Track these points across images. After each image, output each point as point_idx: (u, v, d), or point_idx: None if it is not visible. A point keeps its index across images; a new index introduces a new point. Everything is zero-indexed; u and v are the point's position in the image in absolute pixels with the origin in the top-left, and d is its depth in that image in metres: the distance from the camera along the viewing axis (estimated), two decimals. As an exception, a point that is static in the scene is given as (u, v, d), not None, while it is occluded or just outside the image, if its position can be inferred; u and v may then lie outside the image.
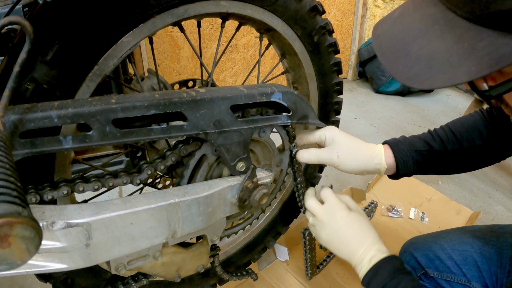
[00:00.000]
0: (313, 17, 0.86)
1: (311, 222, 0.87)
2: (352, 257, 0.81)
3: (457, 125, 0.94)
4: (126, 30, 0.63)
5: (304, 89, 0.98)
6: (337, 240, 0.82)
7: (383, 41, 0.58)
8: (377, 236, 0.82)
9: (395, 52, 0.55)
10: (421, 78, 0.51)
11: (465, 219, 1.63)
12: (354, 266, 0.81)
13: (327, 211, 0.83)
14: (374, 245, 0.80)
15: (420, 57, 0.52)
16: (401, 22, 0.57)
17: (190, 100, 0.64)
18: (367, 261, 0.79)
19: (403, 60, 0.54)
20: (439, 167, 0.95)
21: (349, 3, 3.08)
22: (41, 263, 0.56)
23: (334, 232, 0.82)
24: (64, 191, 0.60)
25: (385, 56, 0.56)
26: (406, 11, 0.57)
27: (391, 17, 0.60)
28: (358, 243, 0.80)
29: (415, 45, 0.53)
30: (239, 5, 0.76)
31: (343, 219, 0.82)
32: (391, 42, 0.56)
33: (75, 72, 0.61)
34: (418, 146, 0.92)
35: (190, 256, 0.82)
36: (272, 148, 0.87)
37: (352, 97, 3.08)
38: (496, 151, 0.93)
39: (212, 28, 2.46)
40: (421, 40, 0.52)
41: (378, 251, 0.80)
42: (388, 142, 0.93)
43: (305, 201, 0.88)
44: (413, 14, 0.55)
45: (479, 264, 0.94)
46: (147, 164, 0.68)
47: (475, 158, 0.93)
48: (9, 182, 0.37)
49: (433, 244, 1.02)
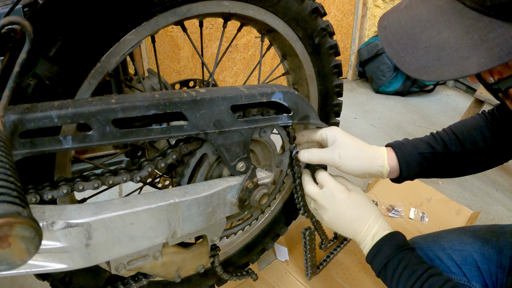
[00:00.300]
0: (314, 19, 0.87)
1: (313, 206, 0.88)
2: (356, 236, 0.83)
3: (459, 128, 0.94)
4: (129, 28, 0.64)
5: (304, 90, 0.98)
6: (340, 222, 0.83)
7: (389, 32, 0.57)
8: (379, 213, 0.84)
9: (402, 44, 0.54)
10: (430, 69, 0.51)
11: (465, 219, 1.63)
12: (359, 243, 0.84)
13: (327, 195, 0.84)
14: (376, 222, 0.82)
15: (428, 48, 0.51)
16: (408, 13, 0.56)
17: (190, 100, 0.64)
18: (370, 238, 0.81)
19: (411, 52, 0.53)
20: (443, 170, 0.95)
21: (349, 3, 3.08)
22: (41, 263, 0.56)
23: (337, 215, 0.83)
24: (64, 190, 0.60)
25: (392, 47, 0.55)
26: (413, 2, 0.56)
27: (397, 8, 0.59)
28: (360, 222, 0.82)
29: (424, 36, 0.52)
30: (241, 6, 0.76)
31: (344, 201, 0.82)
32: (398, 34, 0.55)
33: (77, 69, 0.61)
34: (421, 148, 0.91)
35: (190, 256, 0.82)
36: (272, 148, 0.87)
37: (352, 97, 3.08)
38: (499, 153, 0.92)
39: (212, 28, 2.46)
40: (430, 31, 0.51)
41: (381, 227, 0.82)
42: (391, 145, 0.92)
43: (304, 187, 0.88)
44: (420, 5, 0.55)
45: (479, 264, 0.95)
46: (147, 161, 0.68)
47: (478, 160, 0.93)
48: (9, 182, 0.37)
49: (433, 244, 1.02)
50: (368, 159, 0.87)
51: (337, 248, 1.41)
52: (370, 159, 0.87)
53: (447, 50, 0.49)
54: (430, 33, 0.51)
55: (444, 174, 0.98)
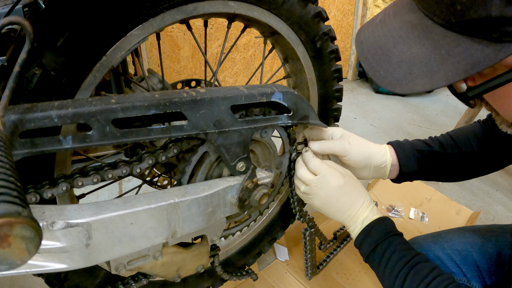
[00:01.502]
0: (317, 23, 0.88)
1: (304, 190, 0.87)
2: (346, 219, 0.84)
3: (456, 132, 0.99)
4: (136, 23, 0.64)
5: (305, 94, 0.98)
6: (333, 207, 0.85)
7: (365, 47, 0.60)
8: (369, 198, 0.86)
9: (377, 58, 0.57)
10: (402, 83, 0.54)
11: (465, 219, 1.63)
12: (347, 227, 0.86)
13: (321, 181, 0.84)
14: (367, 207, 0.84)
15: (400, 62, 0.54)
16: (382, 28, 0.59)
17: (190, 100, 0.64)
18: (360, 222, 0.83)
19: (385, 66, 0.56)
20: (441, 171, 0.97)
21: (349, 3, 3.08)
22: (41, 263, 0.56)
23: (330, 200, 0.84)
24: (63, 187, 0.60)
25: (368, 61, 0.59)
26: (387, 17, 0.59)
27: (373, 23, 0.62)
28: (353, 207, 0.84)
29: (396, 50, 0.55)
30: (246, 7, 0.76)
31: (340, 188, 0.83)
32: (373, 48, 0.58)
33: (83, 61, 0.62)
34: (419, 146, 0.96)
35: (190, 256, 0.82)
36: (272, 149, 0.87)
37: (352, 97, 3.08)
38: (495, 159, 0.95)
39: (212, 28, 2.46)
40: (401, 46, 0.54)
41: (371, 212, 0.84)
42: (390, 143, 0.97)
43: (297, 171, 0.88)
44: (393, 20, 0.58)
45: (479, 264, 0.95)
46: (148, 153, 0.68)
47: (474, 163, 0.96)
48: (9, 182, 0.37)
49: (432, 244, 1.02)
50: (373, 149, 0.93)
51: (337, 248, 1.41)
52: (375, 149, 0.93)
53: (418, 65, 0.52)
54: (401, 48, 0.54)
55: (443, 176, 1.00)
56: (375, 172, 0.94)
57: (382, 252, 0.79)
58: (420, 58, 0.52)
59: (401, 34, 0.55)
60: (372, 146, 0.93)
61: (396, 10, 0.59)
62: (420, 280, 0.72)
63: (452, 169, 0.97)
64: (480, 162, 0.95)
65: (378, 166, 0.93)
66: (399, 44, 0.55)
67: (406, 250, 0.78)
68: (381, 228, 0.81)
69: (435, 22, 0.51)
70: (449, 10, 0.48)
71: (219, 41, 2.51)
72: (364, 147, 0.91)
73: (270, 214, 1.12)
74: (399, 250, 0.78)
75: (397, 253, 0.77)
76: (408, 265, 0.75)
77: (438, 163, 0.95)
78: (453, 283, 0.71)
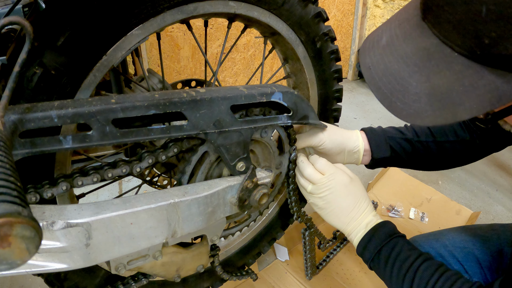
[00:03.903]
0: (317, 23, 0.88)
1: (310, 190, 0.86)
2: (349, 223, 0.84)
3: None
4: (136, 23, 0.64)
5: (305, 94, 0.98)
6: (337, 207, 0.84)
7: (375, 74, 0.57)
8: (372, 204, 0.87)
9: (391, 88, 0.54)
10: (423, 115, 0.51)
11: (465, 219, 1.63)
12: (349, 232, 0.84)
13: (329, 180, 0.84)
14: (371, 211, 0.85)
15: (419, 93, 0.51)
16: (392, 53, 0.55)
17: (190, 100, 0.64)
18: (363, 226, 0.83)
19: (401, 97, 0.53)
20: (415, 159, 0.98)
21: (349, 3, 3.08)
22: (41, 263, 0.56)
23: (336, 199, 0.84)
24: (63, 187, 0.60)
25: (381, 91, 0.55)
26: (395, 40, 0.56)
27: (378, 45, 0.58)
28: (357, 209, 0.83)
29: (413, 81, 0.52)
30: (246, 7, 0.77)
31: (346, 186, 0.83)
32: (385, 76, 0.55)
33: (83, 61, 0.62)
34: (391, 133, 0.97)
35: (190, 256, 0.82)
36: (273, 150, 0.87)
37: (352, 97, 3.08)
38: (473, 148, 0.96)
39: (212, 28, 2.46)
40: (418, 76, 0.51)
41: (374, 216, 0.84)
42: (363, 129, 0.99)
43: (303, 170, 0.87)
44: (404, 44, 0.54)
45: (481, 261, 0.95)
46: (148, 153, 0.68)
47: (450, 152, 0.96)
48: (9, 182, 0.37)
49: (434, 242, 1.02)
50: (345, 136, 0.94)
51: (337, 248, 1.41)
52: (347, 136, 0.94)
53: (438, 97, 0.50)
54: (419, 78, 0.51)
55: (419, 165, 1.00)
56: (349, 157, 0.95)
57: (388, 254, 0.78)
58: (441, 89, 0.49)
59: (417, 63, 0.52)
60: (345, 132, 0.94)
61: (405, 33, 0.55)
62: (429, 277, 0.72)
63: (427, 158, 0.97)
64: (457, 150, 0.95)
65: (351, 151, 0.94)
66: (416, 74, 0.52)
67: (412, 250, 0.78)
68: (384, 231, 0.81)
69: (455, 51, 0.48)
70: (474, 42, 0.46)
71: (219, 41, 2.51)
72: (337, 133, 0.92)
73: (270, 214, 1.11)
74: (405, 250, 0.78)
75: (404, 253, 0.77)
76: (416, 264, 0.75)
77: (411, 151, 0.96)
78: (462, 277, 0.71)
